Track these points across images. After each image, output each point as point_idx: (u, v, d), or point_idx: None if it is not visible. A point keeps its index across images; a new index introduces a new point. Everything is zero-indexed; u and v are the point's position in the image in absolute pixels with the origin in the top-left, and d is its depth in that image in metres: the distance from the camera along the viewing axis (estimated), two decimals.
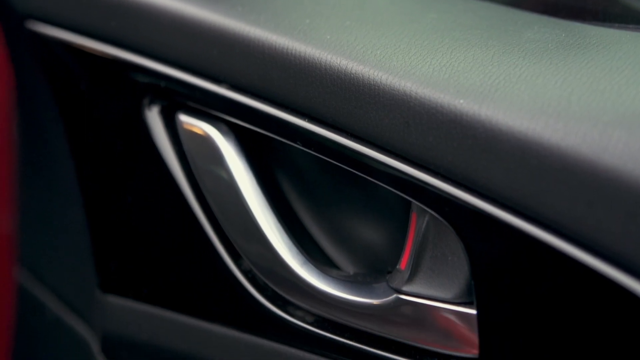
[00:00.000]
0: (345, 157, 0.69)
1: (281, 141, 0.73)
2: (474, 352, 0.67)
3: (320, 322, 0.75)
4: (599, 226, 0.59)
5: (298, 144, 0.71)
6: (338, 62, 0.68)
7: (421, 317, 0.70)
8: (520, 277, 0.64)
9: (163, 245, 0.82)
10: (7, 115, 0.95)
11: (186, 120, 0.77)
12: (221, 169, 0.76)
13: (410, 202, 0.69)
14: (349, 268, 0.79)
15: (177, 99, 0.77)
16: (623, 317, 0.60)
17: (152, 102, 0.78)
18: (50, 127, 0.87)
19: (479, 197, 0.64)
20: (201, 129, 0.76)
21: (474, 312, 0.67)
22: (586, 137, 0.60)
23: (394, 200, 0.76)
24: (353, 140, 0.68)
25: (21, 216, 1.00)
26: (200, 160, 0.77)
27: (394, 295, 0.70)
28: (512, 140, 0.61)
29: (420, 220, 0.69)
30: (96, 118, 0.81)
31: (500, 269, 0.64)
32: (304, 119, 0.70)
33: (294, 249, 0.75)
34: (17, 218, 1.01)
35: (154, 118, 0.79)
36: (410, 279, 0.70)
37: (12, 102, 0.93)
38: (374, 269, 0.79)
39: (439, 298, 0.69)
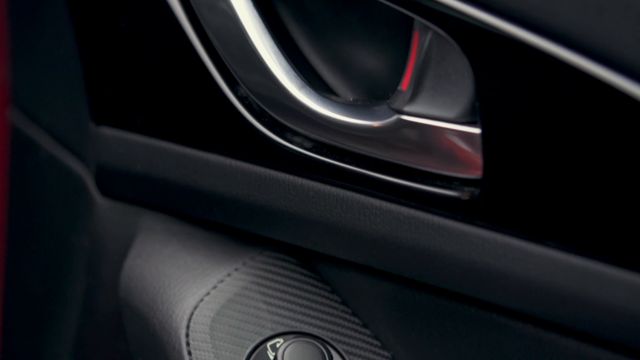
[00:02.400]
0: None
1: None
2: (478, 173, 0.66)
3: (319, 147, 0.73)
4: (610, 34, 0.57)
5: None
6: None
7: (423, 138, 0.68)
8: (527, 93, 0.62)
9: (157, 73, 0.79)
10: None
11: None
12: None
13: (412, 20, 0.66)
14: (348, 95, 0.77)
15: None
16: (633, 129, 0.58)
17: None
18: None
19: (485, 10, 0.62)
20: None
21: (478, 131, 0.65)
22: None
23: (395, 21, 0.73)
24: None
25: (12, 56, 0.97)
26: None
27: (395, 117, 0.68)
28: None
29: (422, 38, 0.66)
30: None
31: (506, 85, 0.62)
32: None
33: (292, 72, 0.73)
34: (8, 59, 0.99)
35: None
36: (412, 99, 0.67)
37: None
38: (374, 96, 0.77)
39: (442, 118, 0.67)
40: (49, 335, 0.96)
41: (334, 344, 0.76)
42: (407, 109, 0.68)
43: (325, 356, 0.72)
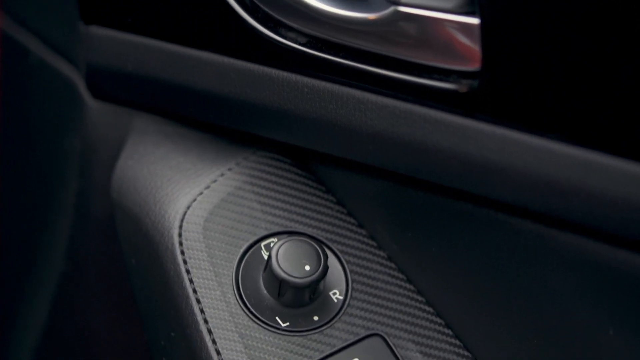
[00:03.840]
0: None
1: None
2: (476, 65, 0.64)
3: (313, 42, 0.71)
4: None
5: None
6: None
7: (421, 30, 0.66)
8: None
9: None
10: None
11: None
12: None
13: None
14: None
15: None
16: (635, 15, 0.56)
17: None
18: None
19: None
20: None
21: (476, 21, 0.63)
22: None
23: None
24: None
25: None
26: None
27: (392, 8, 0.66)
28: None
29: None
30: None
31: None
32: None
33: None
34: None
35: None
36: None
37: None
38: None
39: (440, 8, 0.64)
40: (43, 240, 0.96)
41: (329, 243, 0.75)
42: None
43: (320, 255, 0.71)
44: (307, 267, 0.71)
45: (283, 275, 0.71)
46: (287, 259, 0.71)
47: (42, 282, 0.96)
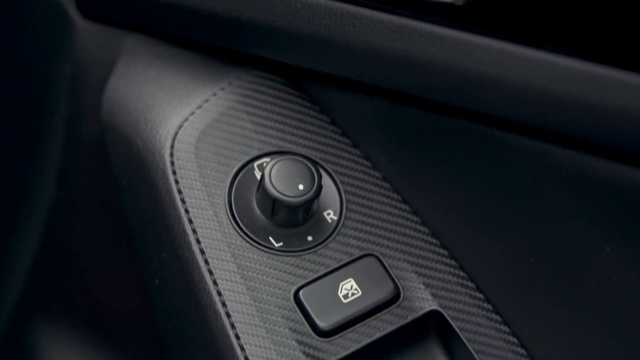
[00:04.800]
0: None
1: None
2: None
3: None
4: None
5: None
6: None
7: None
8: None
9: None
10: None
11: None
12: None
13: None
14: None
15: None
16: None
17: None
18: None
19: None
20: None
21: None
22: None
23: None
24: None
25: None
26: None
27: None
28: None
29: None
30: None
31: None
32: None
33: None
34: None
35: None
36: None
37: None
38: None
39: None
40: (33, 167, 0.94)
41: (323, 164, 0.74)
42: None
43: (314, 174, 0.70)
44: (301, 186, 0.70)
45: (276, 194, 0.70)
46: (281, 178, 0.70)
47: (33, 210, 0.95)
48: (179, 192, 0.72)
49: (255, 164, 0.73)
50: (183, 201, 0.72)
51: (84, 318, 0.96)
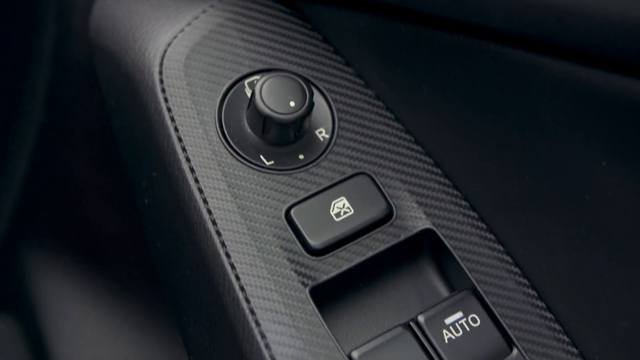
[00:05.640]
0: None
1: None
2: None
3: None
4: None
5: None
6: None
7: None
8: None
9: None
10: None
11: None
12: None
13: None
14: None
15: None
16: None
17: None
18: None
19: None
20: None
21: None
22: None
23: None
24: None
25: None
26: None
27: None
28: None
29: None
30: None
31: None
32: None
33: None
34: None
35: None
36: None
37: None
38: None
39: None
40: (22, 90, 0.93)
41: (315, 81, 0.73)
42: None
43: (305, 91, 0.69)
44: (292, 103, 0.69)
45: (267, 111, 0.68)
46: (272, 94, 0.69)
47: (22, 133, 0.94)
48: (168, 110, 0.71)
49: (246, 81, 0.72)
50: (172, 119, 0.71)
51: (74, 241, 0.96)
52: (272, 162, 0.70)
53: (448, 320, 0.66)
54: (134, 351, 0.93)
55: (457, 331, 0.66)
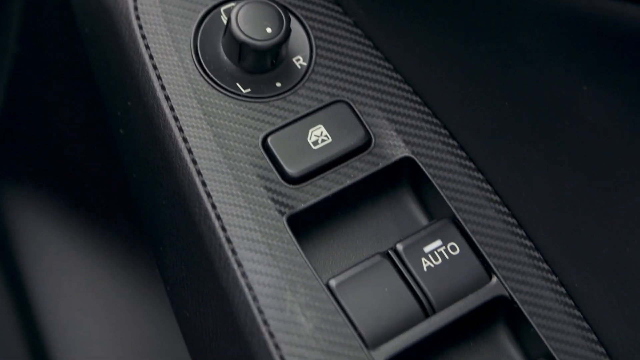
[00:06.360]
0: None
1: None
2: None
3: None
4: None
5: None
6: None
7: None
8: None
9: None
10: None
11: None
12: None
13: None
14: None
15: None
16: None
17: None
18: None
19: None
20: None
21: None
22: None
23: None
24: None
25: None
26: None
27: None
28: None
29: None
30: None
31: None
32: None
33: None
34: None
35: None
36: None
37: None
38: None
39: None
40: None
41: (292, 8, 0.72)
42: None
43: (282, 17, 0.68)
44: (269, 30, 0.67)
45: (243, 37, 0.67)
46: (248, 21, 0.67)
47: None
48: (143, 37, 0.69)
49: (222, 8, 0.71)
50: (147, 47, 0.69)
51: (50, 176, 0.94)
52: (248, 90, 0.69)
53: (427, 249, 0.66)
54: (113, 286, 0.92)
55: (436, 259, 0.65)
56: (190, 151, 0.67)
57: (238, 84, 0.69)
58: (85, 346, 0.92)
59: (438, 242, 0.66)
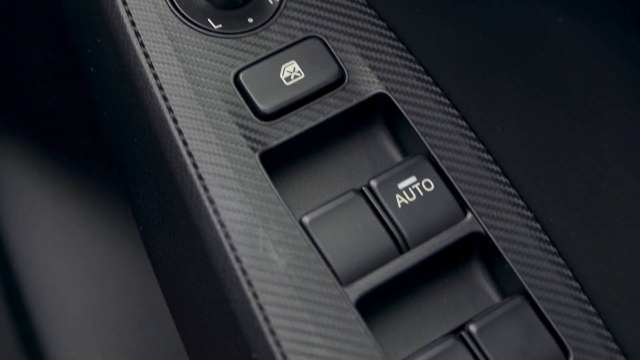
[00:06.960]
0: None
1: None
2: None
3: None
4: None
5: None
6: None
7: None
8: None
9: None
10: None
11: None
12: None
13: None
14: None
15: None
16: None
17: None
18: None
19: None
20: None
21: None
22: None
23: None
24: None
25: None
26: None
27: None
28: None
29: None
30: None
31: None
32: None
33: None
34: None
35: None
36: None
37: None
38: None
39: None
40: None
41: None
42: None
43: None
44: None
45: None
46: None
47: None
48: None
49: None
50: None
51: (20, 117, 0.93)
52: (220, 25, 0.68)
53: (401, 185, 0.65)
54: (86, 227, 0.92)
55: (410, 195, 0.65)
56: (161, 88, 0.66)
57: (209, 20, 0.68)
58: (57, 286, 0.91)
59: (412, 179, 0.65)
